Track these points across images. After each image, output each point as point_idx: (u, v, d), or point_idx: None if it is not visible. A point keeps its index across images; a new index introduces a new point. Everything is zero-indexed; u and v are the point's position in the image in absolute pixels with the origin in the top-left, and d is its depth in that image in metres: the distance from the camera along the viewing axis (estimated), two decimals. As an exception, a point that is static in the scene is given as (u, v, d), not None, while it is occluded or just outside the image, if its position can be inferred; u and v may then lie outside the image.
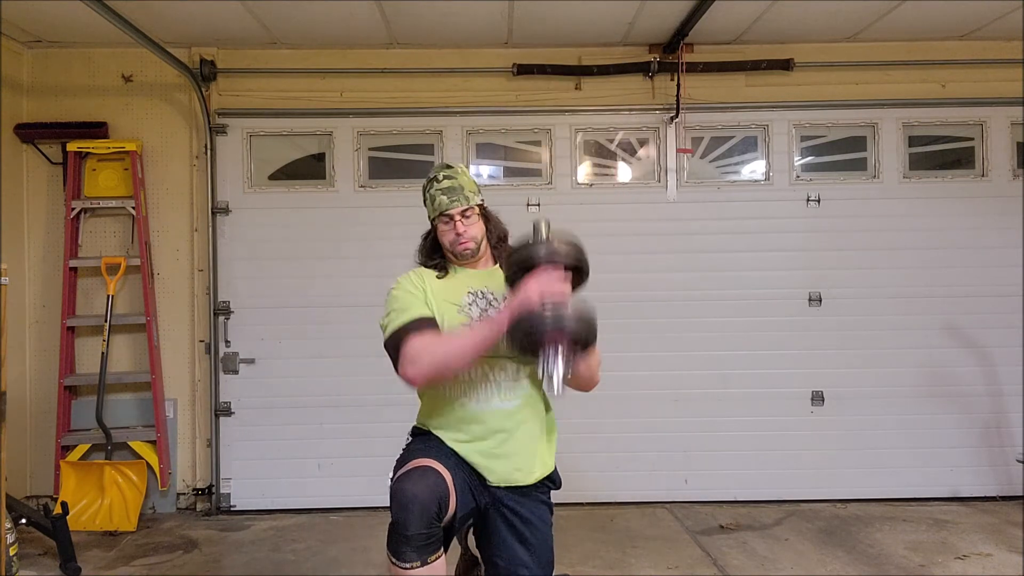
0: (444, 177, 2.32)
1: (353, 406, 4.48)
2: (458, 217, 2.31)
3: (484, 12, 4.02)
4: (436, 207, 2.32)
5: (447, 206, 2.29)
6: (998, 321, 4.52)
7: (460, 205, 2.30)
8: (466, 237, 2.31)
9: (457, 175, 2.34)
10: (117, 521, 4.15)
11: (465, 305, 2.28)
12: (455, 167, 2.38)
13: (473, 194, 2.34)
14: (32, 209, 4.48)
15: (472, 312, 2.27)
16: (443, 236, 2.35)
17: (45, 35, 4.31)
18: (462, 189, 2.31)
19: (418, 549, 2.09)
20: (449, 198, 2.29)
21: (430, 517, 2.08)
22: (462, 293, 2.30)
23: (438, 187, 2.32)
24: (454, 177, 2.32)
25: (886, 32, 4.41)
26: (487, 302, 2.29)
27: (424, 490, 2.10)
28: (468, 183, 2.34)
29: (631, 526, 4.12)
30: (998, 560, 3.56)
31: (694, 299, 4.53)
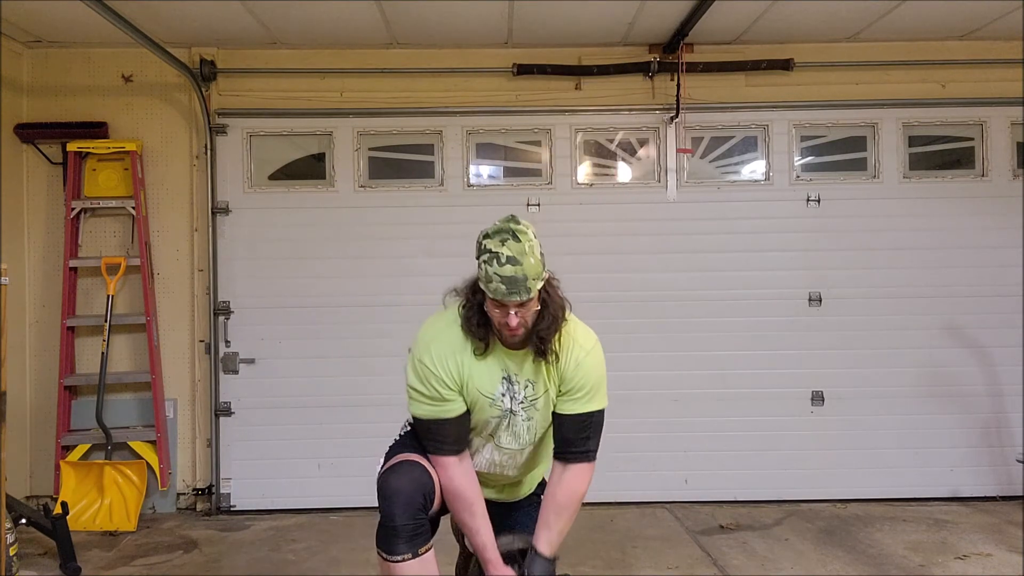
0: (507, 260, 1.99)
1: (353, 406, 4.47)
2: (513, 309, 2.06)
3: (484, 12, 4.02)
4: (491, 292, 2.02)
5: (504, 296, 2.01)
6: (998, 321, 4.52)
7: (519, 298, 2.02)
8: (517, 328, 2.08)
9: (524, 256, 2.00)
10: (117, 521, 4.15)
11: (498, 397, 2.22)
12: (523, 240, 2.02)
13: (536, 280, 2.04)
14: (32, 209, 4.48)
15: (503, 403, 2.23)
16: (491, 315, 2.10)
17: (45, 35, 4.31)
18: (525, 280, 2.00)
19: (407, 540, 2.14)
20: (508, 289, 2.00)
21: (415, 508, 2.14)
22: (496, 382, 2.20)
23: (498, 271, 1.99)
24: (520, 262, 1.99)
25: (886, 32, 4.41)
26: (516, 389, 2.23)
27: (409, 483, 2.16)
28: (533, 268, 2.02)
29: (631, 526, 4.12)
30: (998, 560, 3.56)
31: (694, 299, 4.53)
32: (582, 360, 2.22)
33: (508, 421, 2.25)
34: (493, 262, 2.00)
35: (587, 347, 2.25)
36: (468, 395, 2.20)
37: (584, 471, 2.26)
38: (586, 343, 2.25)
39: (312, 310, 4.49)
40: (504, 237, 2.03)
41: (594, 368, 2.25)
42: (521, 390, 2.23)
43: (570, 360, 2.21)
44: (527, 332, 2.13)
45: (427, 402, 2.18)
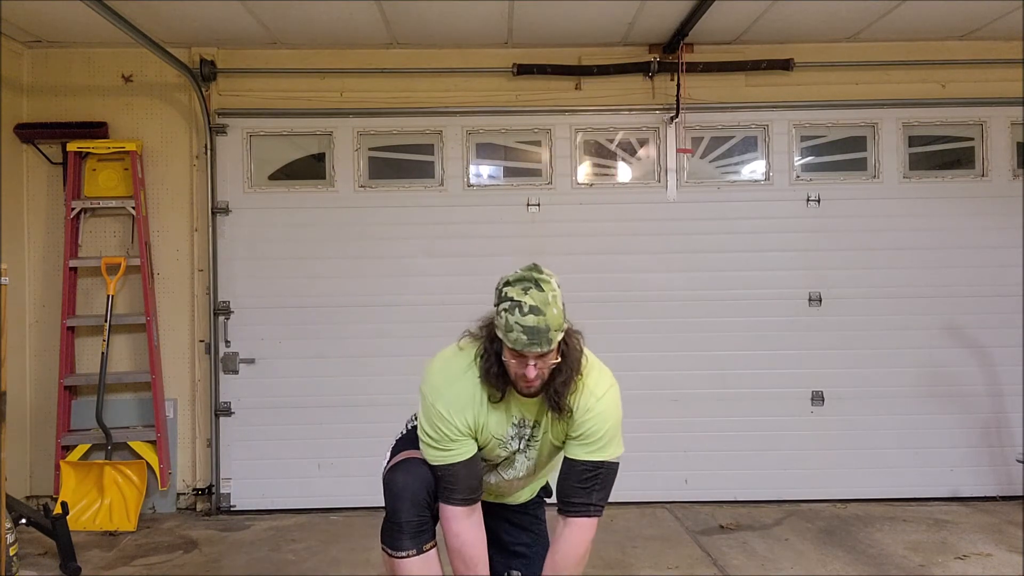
0: (531, 309, 1.93)
1: (353, 406, 4.48)
2: (533, 359, 2.00)
3: (484, 12, 4.02)
4: (511, 342, 1.96)
5: (524, 347, 1.95)
6: (998, 321, 4.52)
7: (539, 349, 1.96)
8: (535, 380, 2.03)
9: (547, 307, 1.95)
10: (117, 521, 4.15)
11: (507, 439, 2.21)
12: (546, 290, 1.97)
13: (558, 331, 1.98)
14: (32, 209, 4.48)
15: (512, 445, 2.22)
16: (509, 366, 2.05)
17: (45, 35, 4.31)
18: (547, 331, 1.94)
19: (412, 536, 2.15)
20: (529, 339, 1.94)
21: (420, 505, 2.15)
22: (507, 425, 2.18)
23: (520, 321, 1.94)
24: (542, 312, 1.94)
25: (886, 32, 4.41)
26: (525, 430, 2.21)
27: (414, 479, 2.18)
28: (555, 319, 1.96)
29: (631, 526, 4.12)
30: (998, 560, 3.56)
31: (694, 299, 4.53)
32: (593, 406, 2.14)
33: (512, 458, 2.27)
34: (515, 311, 1.95)
35: (598, 393, 2.16)
36: (480, 438, 2.18)
37: (584, 528, 2.18)
38: (598, 388, 2.17)
39: (312, 310, 4.49)
40: (527, 286, 1.98)
41: (606, 415, 2.15)
42: (528, 430, 2.21)
43: (580, 405, 2.14)
44: (543, 384, 2.08)
45: (438, 446, 2.14)
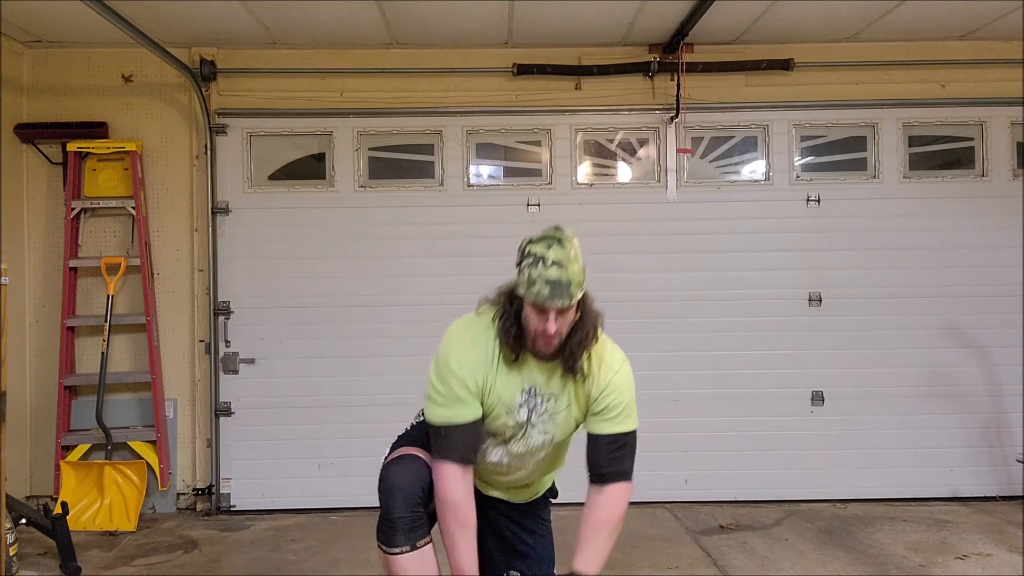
0: (554, 263, 1.98)
1: (353, 406, 4.48)
2: (553, 316, 2.02)
3: (484, 12, 4.02)
4: (534, 295, 1.99)
5: (546, 300, 1.98)
6: (998, 321, 4.52)
7: (561, 303, 1.98)
8: (554, 337, 2.06)
9: (569, 263, 1.99)
10: (117, 521, 4.15)
11: (515, 407, 2.19)
12: (568, 247, 2.02)
13: (579, 287, 2.03)
14: (32, 209, 4.48)
15: (520, 415, 2.20)
16: (528, 322, 2.07)
17: (45, 35, 4.31)
18: (569, 285, 1.98)
19: (405, 533, 2.15)
20: (552, 292, 1.97)
21: (414, 501, 2.16)
22: (517, 391, 2.17)
23: (543, 274, 1.98)
24: (565, 266, 1.98)
25: (886, 32, 4.41)
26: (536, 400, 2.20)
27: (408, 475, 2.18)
28: (577, 275, 2.01)
29: (631, 526, 4.11)
30: (998, 560, 3.56)
31: (694, 299, 4.53)
32: (612, 379, 2.18)
33: (524, 432, 2.22)
34: (539, 264, 1.99)
35: (615, 366, 2.20)
36: (487, 402, 2.17)
37: (623, 491, 2.21)
38: (614, 362, 2.21)
39: (312, 310, 4.49)
40: (550, 243, 2.02)
41: (624, 387, 2.21)
42: (543, 403, 2.19)
43: (600, 379, 2.17)
44: (561, 343, 2.09)
45: (443, 402, 2.14)
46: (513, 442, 2.24)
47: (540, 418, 2.20)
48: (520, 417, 2.19)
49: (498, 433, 2.24)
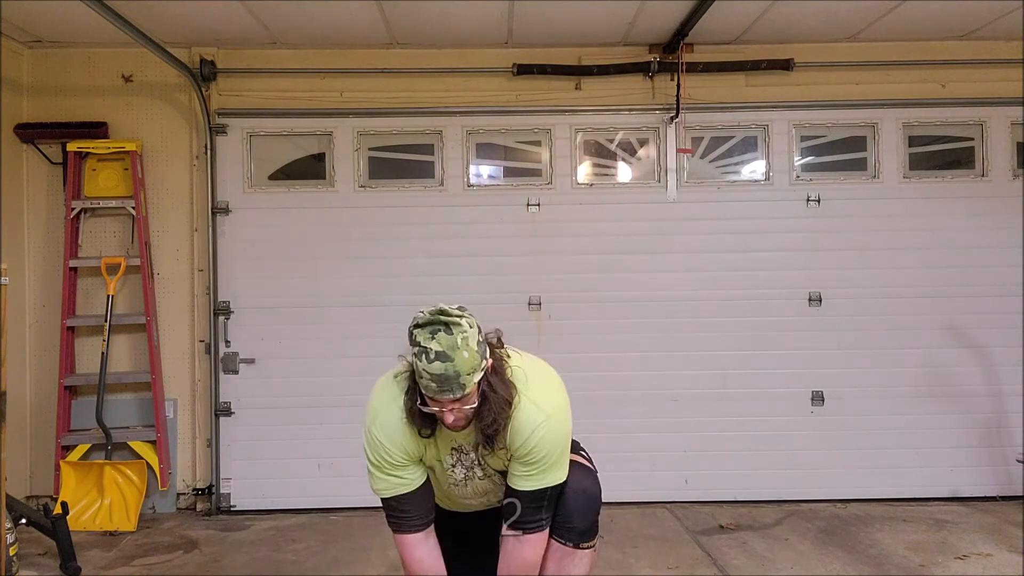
0: (436, 357, 1.84)
1: (353, 406, 4.46)
2: (448, 404, 1.92)
3: (484, 12, 4.02)
4: (423, 388, 1.91)
5: (436, 394, 1.89)
6: (998, 321, 4.52)
7: (451, 396, 1.88)
8: (455, 424, 1.98)
9: (456, 351, 1.84)
10: (117, 521, 4.15)
11: (449, 467, 2.16)
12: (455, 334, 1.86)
13: (472, 374, 1.88)
14: (32, 209, 4.48)
15: (457, 473, 2.16)
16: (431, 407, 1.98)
17: (45, 35, 4.31)
18: (457, 376, 1.85)
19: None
20: (439, 387, 1.87)
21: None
22: (445, 453, 2.14)
23: (427, 368, 1.85)
24: (451, 357, 1.85)
25: (886, 32, 4.41)
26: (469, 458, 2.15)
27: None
28: (467, 363, 1.86)
29: (631, 526, 4.12)
30: (998, 560, 3.56)
31: (694, 299, 4.53)
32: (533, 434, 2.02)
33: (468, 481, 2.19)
34: (423, 357, 1.86)
35: (539, 419, 2.02)
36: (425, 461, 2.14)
37: (539, 541, 2.10)
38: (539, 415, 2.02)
39: (312, 310, 4.49)
40: (434, 329, 1.87)
41: (549, 440, 2.03)
42: (473, 453, 2.13)
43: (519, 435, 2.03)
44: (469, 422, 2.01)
45: (384, 475, 2.09)
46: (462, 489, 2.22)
47: (478, 466, 2.15)
48: (457, 475, 2.15)
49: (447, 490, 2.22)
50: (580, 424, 4.84)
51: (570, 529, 2.09)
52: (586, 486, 2.12)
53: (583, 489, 2.11)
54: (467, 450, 2.12)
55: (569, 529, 2.09)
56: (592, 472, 2.23)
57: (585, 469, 2.20)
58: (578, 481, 2.12)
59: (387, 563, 3.56)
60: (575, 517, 2.08)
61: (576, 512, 2.08)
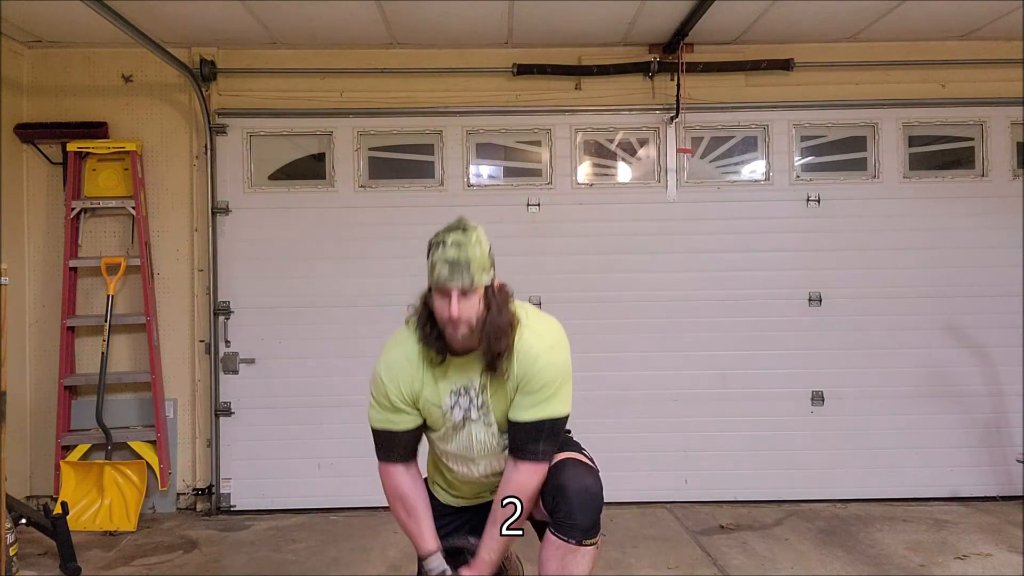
0: (452, 244, 2.01)
1: (353, 406, 4.46)
2: (455, 297, 2.01)
3: (484, 12, 4.02)
4: (435, 278, 2.03)
5: (445, 281, 2.00)
6: (998, 321, 4.52)
7: (459, 283, 2.00)
8: (460, 324, 2.04)
9: (468, 244, 2.02)
10: (117, 521, 4.15)
11: (447, 409, 2.21)
12: (470, 232, 2.05)
13: (481, 272, 2.03)
14: (32, 209, 4.48)
15: (455, 415, 2.21)
16: (436, 308, 2.07)
17: (45, 35, 4.31)
18: (468, 265, 2.00)
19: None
20: (450, 272, 2.00)
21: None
22: (445, 395, 2.20)
23: (442, 255, 2.02)
24: (463, 246, 2.01)
25: (886, 32, 4.41)
26: (468, 399, 2.20)
27: None
28: (479, 257, 2.03)
29: (631, 526, 4.12)
30: (998, 560, 3.56)
31: (694, 299, 4.53)
32: (537, 357, 2.12)
33: (466, 430, 2.23)
34: (439, 248, 2.03)
35: (542, 347, 2.14)
36: (421, 408, 2.22)
37: (532, 471, 2.16)
38: (541, 343, 2.14)
39: (312, 310, 4.49)
40: (452, 230, 2.06)
41: (551, 368, 2.13)
42: (477, 397, 2.18)
43: (521, 363, 2.12)
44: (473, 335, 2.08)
45: (380, 412, 2.23)
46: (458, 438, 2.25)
47: (479, 413, 2.20)
48: (455, 418, 2.20)
49: (444, 438, 2.26)
50: (580, 424, 4.84)
51: (573, 526, 2.09)
52: (588, 484, 2.13)
53: (585, 487, 2.12)
54: (468, 390, 2.18)
55: (572, 526, 2.09)
56: (594, 470, 2.24)
57: (587, 467, 2.21)
58: (580, 479, 2.13)
59: (387, 563, 3.56)
60: (578, 515, 2.09)
61: (579, 510, 2.09)
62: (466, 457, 2.29)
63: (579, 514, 2.09)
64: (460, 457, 2.30)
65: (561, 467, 2.16)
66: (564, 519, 2.10)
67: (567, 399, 2.18)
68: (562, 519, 2.10)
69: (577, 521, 2.09)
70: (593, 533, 2.13)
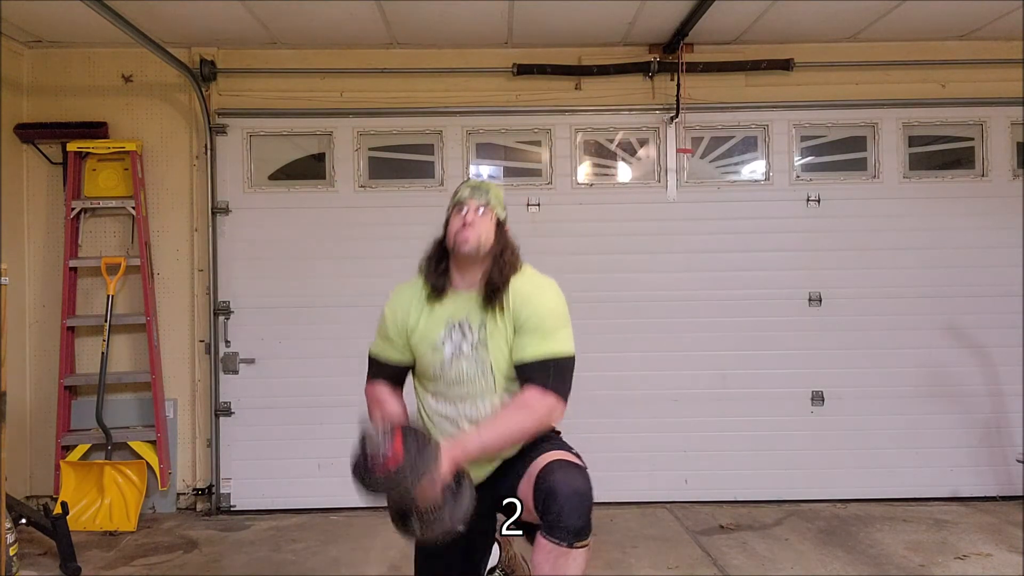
0: (478, 181, 2.39)
1: (353, 406, 4.41)
2: (472, 209, 2.27)
3: (484, 12, 4.02)
4: (456, 197, 2.33)
5: (466, 197, 2.29)
6: (998, 321, 4.52)
7: (477, 200, 2.28)
8: (470, 231, 2.24)
9: (490, 187, 2.35)
10: (117, 521, 4.15)
11: (439, 342, 2.28)
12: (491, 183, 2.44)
13: (498, 202, 2.34)
14: (32, 209, 4.48)
15: (445, 350, 2.28)
16: (451, 226, 2.30)
17: (45, 35, 4.31)
18: (487, 191, 2.32)
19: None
20: (472, 192, 2.30)
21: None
22: (440, 327, 2.29)
23: (467, 184, 2.36)
24: (486, 186, 2.36)
25: (886, 32, 4.41)
26: (461, 335, 2.28)
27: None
28: (497, 195, 2.34)
29: (631, 526, 4.12)
30: (998, 560, 3.56)
31: (694, 299, 4.53)
32: (533, 292, 2.26)
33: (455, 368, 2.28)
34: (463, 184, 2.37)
35: (537, 287, 2.29)
36: (413, 342, 2.34)
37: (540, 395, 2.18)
38: (537, 284, 2.30)
39: (312, 310, 4.49)
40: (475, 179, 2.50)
41: (547, 304, 2.25)
42: (471, 333, 2.27)
43: (518, 299, 2.24)
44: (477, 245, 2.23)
45: (377, 340, 2.45)
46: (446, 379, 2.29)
47: (472, 350, 2.26)
48: (446, 353, 2.28)
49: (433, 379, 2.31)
50: (580, 424, 4.84)
51: (563, 529, 2.08)
52: (577, 485, 2.11)
53: (575, 489, 2.10)
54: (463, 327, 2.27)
55: (562, 529, 2.08)
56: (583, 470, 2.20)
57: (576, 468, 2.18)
58: (569, 481, 2.11)
59: (387, 563, 3.56)
60: (568, 517, 2.07)
61: (569, 512, 2.07)
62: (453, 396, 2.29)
63: (569, 516, 2.07)
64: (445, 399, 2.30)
65: (550, 469, 2.14)
66: (555, 521, 2.08)
67: (569, 341, 2.25)
68: (552, 521, 2.09)
69: (568, 523, 2.07)
70: (585, 534, 2.11)
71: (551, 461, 2.16)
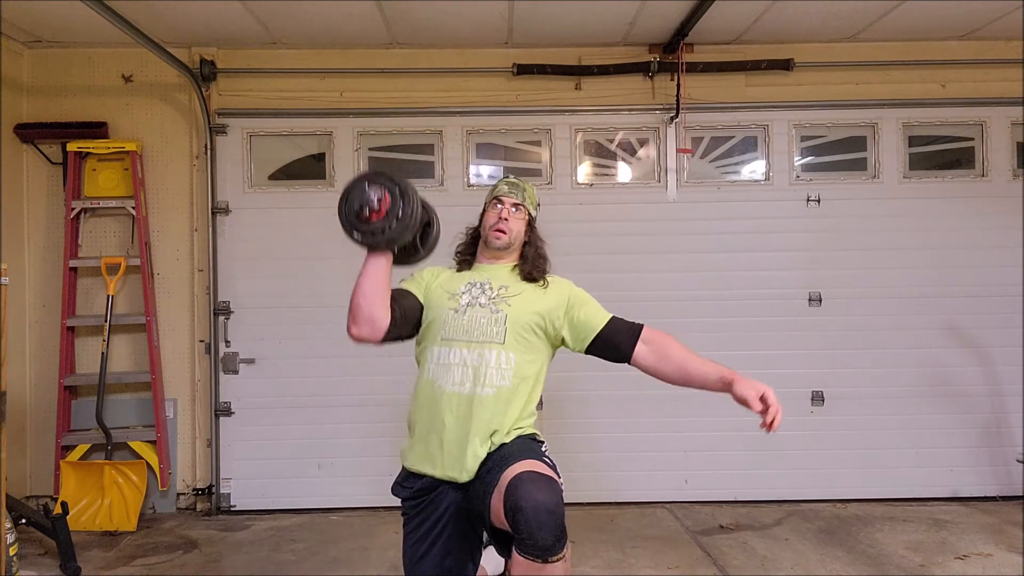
0: (515, 179, 2.54)
1: (353, 406, 4.47)
2: (508, 204, 2.43)
3: (484, 12, 4.02)
4: (494, 192, 2.48)
5: (504, 192, 2.46)
6: (998, 321, 4.52)
7: (515, 197, 2.45)
8: (505, 226, 2.42)
9: (526, 186, 2.52)
10: (117, 521, 4.15)
11: (458, 293, 2.38)
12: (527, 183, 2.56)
13: (532, 202, 2.51)
14: (32, 209, 4.48)
15: (461, 300, 2.37)
16: (487, 218, 2.47)
17: (45, 35, 4.31)
18: (524, 189, 2.49)
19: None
20: (509, 188, 2.47)
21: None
22: (462, 283, 2.41)
23: (505, 180, 2.52)
24: (523, 184, 2.51)
25: (886, 32, 4.41)
26: (480, 290, 2.38)
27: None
28: (531, 195, 2.51)
29: (631, 526, 4.12)
30: (998, 560, 3.56)
31: (694, 299, 4.53)
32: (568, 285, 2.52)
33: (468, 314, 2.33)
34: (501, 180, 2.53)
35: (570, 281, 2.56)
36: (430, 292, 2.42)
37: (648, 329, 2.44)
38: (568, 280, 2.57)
39: (312, 310, 4.49)
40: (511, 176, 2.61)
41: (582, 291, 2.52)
42: (491, 290, 2.38)
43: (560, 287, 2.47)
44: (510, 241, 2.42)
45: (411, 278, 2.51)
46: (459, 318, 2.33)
47: (489, 301, 2.36)
48: (462, 301, 2.36)
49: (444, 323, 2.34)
50: (580, 424, 4.86)
51: (535, 546, 2.01)
52: (542, 500, 2.01)
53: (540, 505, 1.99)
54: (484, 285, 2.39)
55: (534, 546, 2.02)
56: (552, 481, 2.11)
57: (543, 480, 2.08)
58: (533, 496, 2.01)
59: (387, 563, 3.56)
60: (538, 535, 1.99)
61: (538, 530, 1.98)
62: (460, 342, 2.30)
63: (539, 534, 1.99)
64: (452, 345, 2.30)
65: (516, 484, 2.05)
66: (526, 539, 2.01)
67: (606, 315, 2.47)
68: (524, 539, 2.02)
69: (538, 541, 2.00)
70: (558, 548, 2.05)
71: (519, 473, 2.09)
